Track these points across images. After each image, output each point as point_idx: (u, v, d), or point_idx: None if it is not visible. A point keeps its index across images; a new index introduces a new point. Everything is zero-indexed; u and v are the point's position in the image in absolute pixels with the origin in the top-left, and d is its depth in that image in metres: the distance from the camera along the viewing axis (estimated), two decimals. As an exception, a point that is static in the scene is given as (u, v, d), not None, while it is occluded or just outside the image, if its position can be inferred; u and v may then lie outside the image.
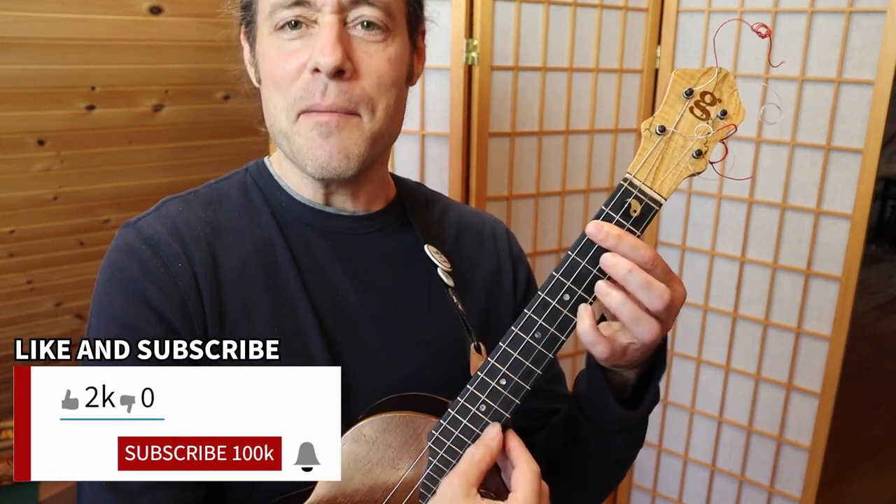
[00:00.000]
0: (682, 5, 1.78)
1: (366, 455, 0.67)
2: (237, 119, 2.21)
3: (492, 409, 0.65)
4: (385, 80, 0.72)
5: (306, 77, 0.70)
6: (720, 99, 0.62)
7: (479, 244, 0.89)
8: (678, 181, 0.62)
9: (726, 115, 0.62)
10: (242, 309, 0.72)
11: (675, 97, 0.62)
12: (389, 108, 0.73)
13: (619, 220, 0.62)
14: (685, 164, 0.62)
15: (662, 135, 0.62)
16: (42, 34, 1.78)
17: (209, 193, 0.79)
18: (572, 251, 0.63)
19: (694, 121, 0.62)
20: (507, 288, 0.89)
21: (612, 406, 0.71)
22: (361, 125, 0.72)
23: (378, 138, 0.74)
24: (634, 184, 0.62)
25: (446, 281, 0.80)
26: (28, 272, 2.17)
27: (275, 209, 0.79)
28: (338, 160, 0.71)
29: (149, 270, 0.70)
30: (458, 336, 0.80)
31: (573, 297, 0.63)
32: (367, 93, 0.71)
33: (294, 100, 0.71)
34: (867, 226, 1.62)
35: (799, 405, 1.79)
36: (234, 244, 0.75)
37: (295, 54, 0.70)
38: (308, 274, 0.76)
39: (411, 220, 0.84)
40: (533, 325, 0.64)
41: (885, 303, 4.74)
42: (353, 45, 0.70)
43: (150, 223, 0.73)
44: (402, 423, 0.68)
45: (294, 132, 0.72)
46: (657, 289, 0.60)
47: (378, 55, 0.71)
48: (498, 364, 0.65)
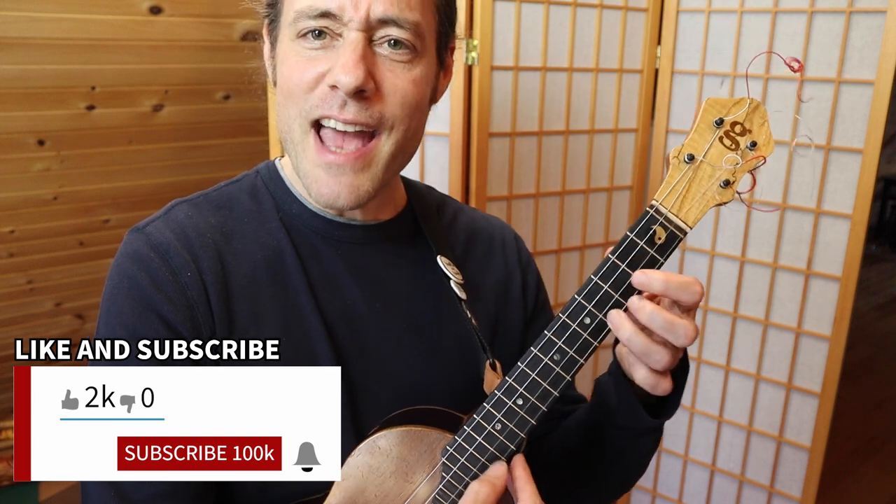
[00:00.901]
0: (682, 5, 1.78)
1: (379, 467, 0.67)
2: (237, 119, 2.21)
3: (507, 429, 0.65)
4: (409, 101, 0.69)
5: (324, 90, 0.67)
6: (750, 129, 0.62)
7: (489, 250, 0.89)
8: (705, 210, 0.62)
9: (756, 147, 0.62)
10: (252, 316, 0.72)
11: (704, 126, 0.62)
12: (409, 130, 0.71)
13: (644, 246, 0.62)
14: (712, 193, 0.62)
15: (691, 163, 0.62)
16: (42, 34, 1.78)
17: (219, 197, 0.78)
18: (595, 275, 0.63)
19: (723, 150, 0.62)
20: (516, 294, 0.88)
21: (643, 416, 0.70)
22: (378, 150, 0.70)
23: (392, 162, 0.72)
24: (661, 211, 0.62)
25: (459, 294, 0.79)
26: (28, 272, 2.17)
27: (284, 216, 0.78)
28: (345, 198, 0.70)
29: (158, 279, 0.69)
30: (467, 346, 0.79)
31: (594, 320, 0.62)
32: (388, 113, 0.68)
33: (310, 108, 0.68)
34: (867, 226, 1.62)
35: (799, 405, 1.79)
36: (244, 251, 0.74)
37: (314, 63, 0.67)
38: (317, 282, 0.75)
39: (422, 229, 0.83)
40: (552, 347, 0.63)
41: (885, 303, 4.74)
42: (378, 63, 0.67)
43: (159, 229, 0.72)
44: (417, 437, 0.68)
45: (303, 149, 0.70)
46: (680, 328, 0.60)
47: (403, 76, 0.68)
48: (515, 384, 0.65)
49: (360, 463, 0.67)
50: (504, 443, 0.65)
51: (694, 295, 0.60)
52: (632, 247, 0.62)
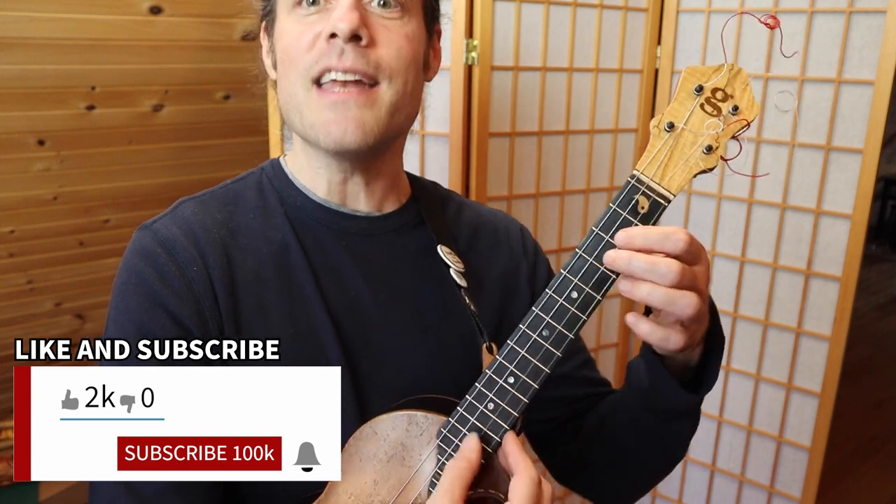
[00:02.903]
0: (682, 5, 1.78)
1: (377, 453, 0.68)
2: (237, 119, 2.21)
3: (500, 408, 0.65)
4: (404, 53, 0.71)
5: (322, 44, 0.69)
6: (732, 95, 0.61)
7: (494, 243, 0.89)
8: (688, 178, 0.62)
9: (738, 111, 0.61)
10: (258, 310, 0.72)
11: (684, 94, 0.62)
12: (408, 84, 0.72)
13: (627, 216, 0.61)
14: (695, 160, 0.62)
15: (671, 131, 0.62)
16: (42, 34, 1.78)
17: (225, 194, 0.79)
18: (580, 248, 0.62)
19: (704, 117, 0.61)
20: (523, 285, 0.88)
21: (679, 394, 0.69)
22: (379, 96, 0.71)
23: (396, 111, 0.73)
24: (642, 180, 0.62)
25: (459, 281, 0.80)
26: (28, 272, 2.17)
27: (289, 209, 0.78)
28: (353, 133, 0.70)
29: (165, 274, 0.70)
30: (472, 337, 0.79)
31: (581, 294, 0.62)
32: (386, 61, 0.70)
33: (309, 65, 0.70)
34: (867, 226, 1.62)
35: (799, 405, 1.79)
36: (249, 246, 0.75)
37: (311, 25, 0.70)
38: (322, 275, 0.76)
39: (426, 221, 0.84)
40: (540, 323, 0.63)
41: (885, 303, 4.74)
42: (371, 19, 0.70)
43: (166, 225, 0.73)
44: (413, 421, 0.68)
45: (307, 104, 0.71)
46: (662, 264, 0.59)
47: (396, 30, 0.71)
48: (505, 362, 0.64)
49: (358, 450, 0.68)
50: (497, 422, 0.65)
51: (678, 242, 0.59)
52: (615, 217, 0.62)
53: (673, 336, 0.62)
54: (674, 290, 0.59)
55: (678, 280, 0.59)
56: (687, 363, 0.70)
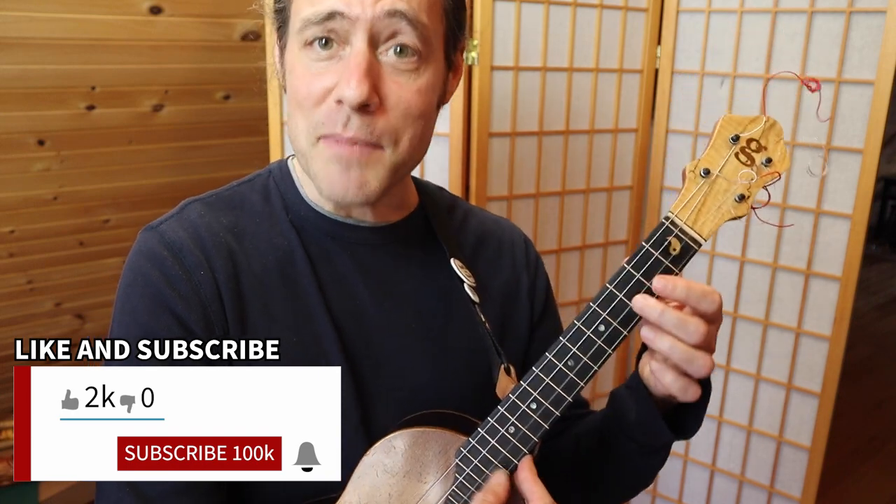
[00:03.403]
0: (682, 5, 1.78)
1: (394, 466, 0.68)
2: (237, 119, 2.21)
3: (520, 432, 0.66)
4: (412, 111, 0.69)
5: (330, 105, 0.67)
6: (766, 146, 0.63)
7: (497, 253, 0.89)
8: (719, 224, 0.63)
9: (771, 163, 0.63)
10: (263, 316, 0.72)
11: (721, 142, 0.63)
12: (415, 139, 0.71)
13: (659, 257, 0.63)
14: (727, 207, 0.63)
15: (707, 178, 0.63)
16: (42, 34, 1.78)
17: (231, 197, 0.78)
18: (610, 283, 0.64)
19: (738, 166, 0.63)
20: (523, 297, 0.88)
21: (665, 432, 0.70)
22: (383, 158, 0.70)
23: (399, 168, 0.72)
24: (676, 223, 0.63)
25: (473, 297, 0.80)
26: (28, 272, 2.17)
27: (294, 217, 0.78)
28: (354, 193, 0.70)
29: (171, 277, 0.69)
30: (478, 348, 0.79)
31: (608, 328, 0.64)
32: (391, 126, 0.68)
33: (316, 124, 0.69)
34: (867, 226, 1.62)
35: (799, 405, 1.79)
36: (255, 251, 0.74)
37: (321, 77, 0.68)
38: (327, 284, 0.75)
39: (435, 231, 0.83)
40: (567, 353, 0.65)
41: (885, 303, 4.74)
42: (383, 74, 0.67)
43: (173, 228, 0.72)
44: (432, 438, 0.68)
45: (312, 156, 0.70)
46: (692, 324, 0.61)
47: (408, 86, 0.68)
48: (530, 388, 0.65)
49: (375, 462, 0.68)
50: (517, 446, 0.66)
51: (712, 304, 0.61)
52: (647, 257, 0.63)
53: (691, 389, 0.64)
54: (694, 350, 0.61)
55: (702, 341, 0.61)
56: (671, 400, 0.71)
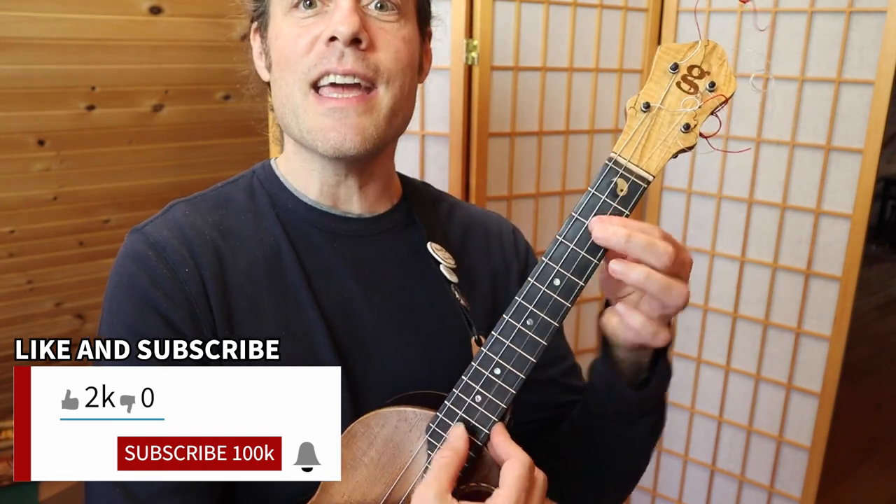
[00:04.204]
0: (682, 5, 1.78)
1: (367, 450, 0.68)
2: (237, 119, 2.21)
3: (487, 399, 0.64)
4: (402, 56, 0.72)
5: (321, 47, 0.69)
6: (708, 71, 0.61)
7: (486, 243, 0.89)
8: (667, 157, 0.61)
9: (715, 87, 0.60)
10: (250, 312, 0.72)
11: (660, 73, 0.61)
12: (405, 87, 0.73)
13: (606, 199, 0.61)
14: (673, 139, 0.61)
15: (647, 111, 0.61)
16: (42, 34, 1.78)
17: (216, 197, 0.79)
18: (560, 235, 0.62)
19: (681, 95, 0.61)
20: (514, 284, 0.88)
21: (625, 390, 0.69)
22: (378, 100, 0.71)
23: (394, 115, 0.73)
24: (619, 162, 0.61)
25: (449, 277, 0.80)
26: (28, 272, 2.17)
27: (280, 212, 0.78)
28: (352, 140, 0.70)
29: (156, 277, 0.69)
30: (465, 335, 0.79)
31: (563, 280, 0.62)
32: (384, 64, 0.70)
33: (307, 68, 0.70)
34: (867, 226, 1.62)
35: (799, 405, 1.80)
36: (241, 248, 0.75)
37: (309, 28, 0.70)
38: (314, 277, 0.76)
39: (417, 220, 0.84)
40: (524, 312, 0.63)
41: (885, 303, 4.74)
42: (369, 22, 0.70)
43: (157, 228, 0.73)
44: (402, 417, 0.68)
45: (305, 108, 0.71)
46: (660, 245, 0.59)
47: (394, 33, 0.71)
48: (490, 353, 0.63)
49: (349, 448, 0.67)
50: (485, 414, 0.64)
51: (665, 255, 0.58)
52: (595, 202, 0.61)
53: (661, 332, 0.62)
54: (669, 278, 0.59)
55: (672, 264, 0.58)
56: (639, 364, 0.70)
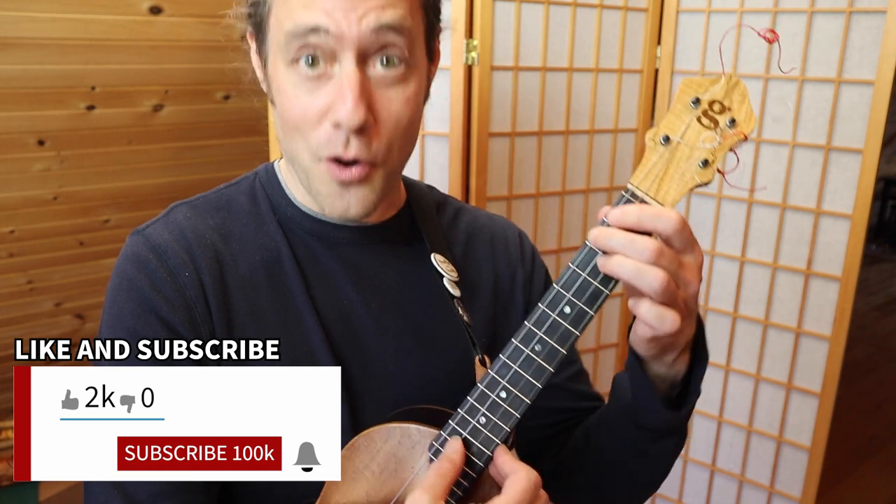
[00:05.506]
0: (682, 5, 1.78)
1: (369, 464, 0.68)
2: (237, 119, 2.21)
3: (491, 422, 0.64)
4: (403, 122, 0.69)
5: (328, 128, 0.67)
6: (729, 107, 0.60)
7: (490, 249, 0.88)
8: (683, 192, 0.61)
9: (735, 124, 0.60)
10: (250, 316, 0.72)
11: (681, 106, 0.61)
12: (405, 146, 0.72)
13: None
14: (691, 174, 0.60)
15: (667, 144, 0.61)
16: (42, 34, 1.78)
17: (217, 199, 0.78)
18: (572, 263, 0.62)
19: (701, 130, 0.60)
20: (518, 293, 0.88)
21: (661, 410, 0.69)
22: (378, 172, 0.70)
23: (393, 176, 0.73)
24: (636, 194, 0.60)
25: (452, 291, 0.79)
26: (28, 272, 2.17)
27: (281, 218, 0.78)
28: (356, 209, 0.71)
29: (156, 280, 0.69)
30: (465, 346, 0.79)
31: (574, 309, 0.61)
32: (385, 142, 0.69)
33: (317, 146, 0.68)
34: (867, 226, 1.62)
35: (799, 405, 1.79)
36: (242, 252, 0.74)
37: (314, 97, 0.67)
38: (314, 284, 0.76)
39: (420, 228, 0.83)
40: (533, 338, 0.63)
41: (885, 303, 4.74)
42: (373, 91, 0.67)
43: (158, 231, 0.73)
44: (406, 433, 0.67)
45: (315, 175, 0.70)
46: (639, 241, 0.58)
47: (397, 98, 0.68)
48: (497, 376, 0.64)
49: (351, 461, 0.67)
50: (489, 436, 0.64)
51: (669, 221, 0.58)
52: None
53: (668, 315, 0.60)
54: (643, 265, 0.58)
55: (654, 257, 0.58)
56: (673, 379, 0.69)
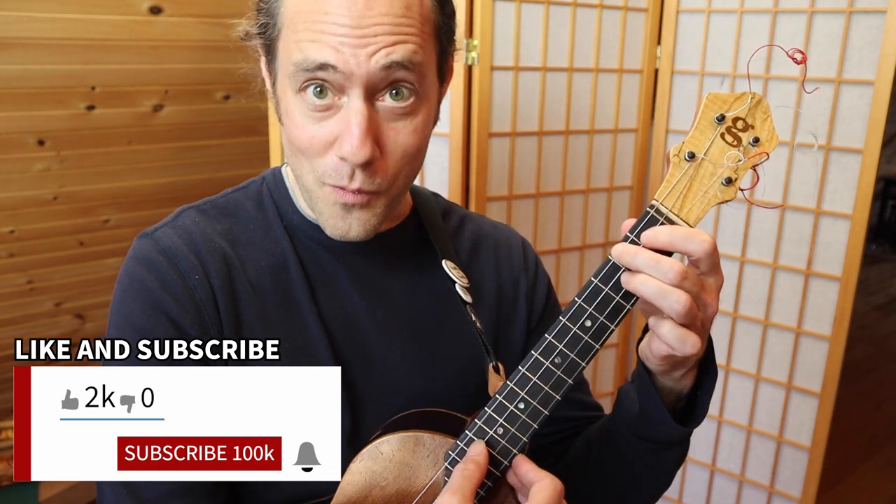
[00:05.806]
0: (682, 5, 1.78)
1: (382, 472, 0.67)
2: (237, 119, 2.21)
3: (509, 433, 0.64)
4: (409, 152, 0.69)
5: (334, 159, 0.67)
6: (753, 125, 0.60)
7: (494, 257, 0.88)
8: (706, 209, 0.61)
9: (758, 143, 0.60)
10: (258, 321, 0.73)
11: (705, 123, 0.60)
12: (410, 174, 0.72)
13: None
14: (714, 191, 0.60)
15: (692, 161, 0.60)
16: (42, 34, 1.78)
17: (225, 204, 0.79)
18: (595, 277, 0.61)
19: (725, 147, 0.60)
20: (521, 301, 0.88)
21: (668, 423, 0.68)
22: (381, 198, 0.71)
23: (395, 202, 0.73)
24: (661, 211, 0.60)
25: (464, 297, 0.79)
26: (28, 272, 2.17)
27: (288, 224, 0.78)
28: (357, 232, 0.71)
29: (166, 281, 0.70)
30: (472, 353, 0.79)
31: (595, 323, 0.62)
32: (390, 173, 0.69)
33: (322, 174, 0.68)
34: (867, 226, 1.62)
35: (799, 405, 1.79)
36: (249, 257, 0.75)
37: (321, 127, 0.67)
38: (319, 291, 0.76)
39: (428, 235, 0.83)
40: (553, 351, 0.63)
41: (885, 303, 4.74)
42: (381, 123, 0.67)
43: (167, 234, 0.73)
44: (419, 441, 0.67)
45: (319, 197, 0.70)
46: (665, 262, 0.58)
47: (405, 130, 0.68)
48: (517, 388, 0.64)
49: (363, 468, 0.67)
50: (506, 447, 0.65)
51: (702, 244, 0.58)
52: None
53: (689, 338, 0.60)
54: (667, 286, 0.58)
55: (679, 279, 0.58)
56: (679, 392, 0.69)
